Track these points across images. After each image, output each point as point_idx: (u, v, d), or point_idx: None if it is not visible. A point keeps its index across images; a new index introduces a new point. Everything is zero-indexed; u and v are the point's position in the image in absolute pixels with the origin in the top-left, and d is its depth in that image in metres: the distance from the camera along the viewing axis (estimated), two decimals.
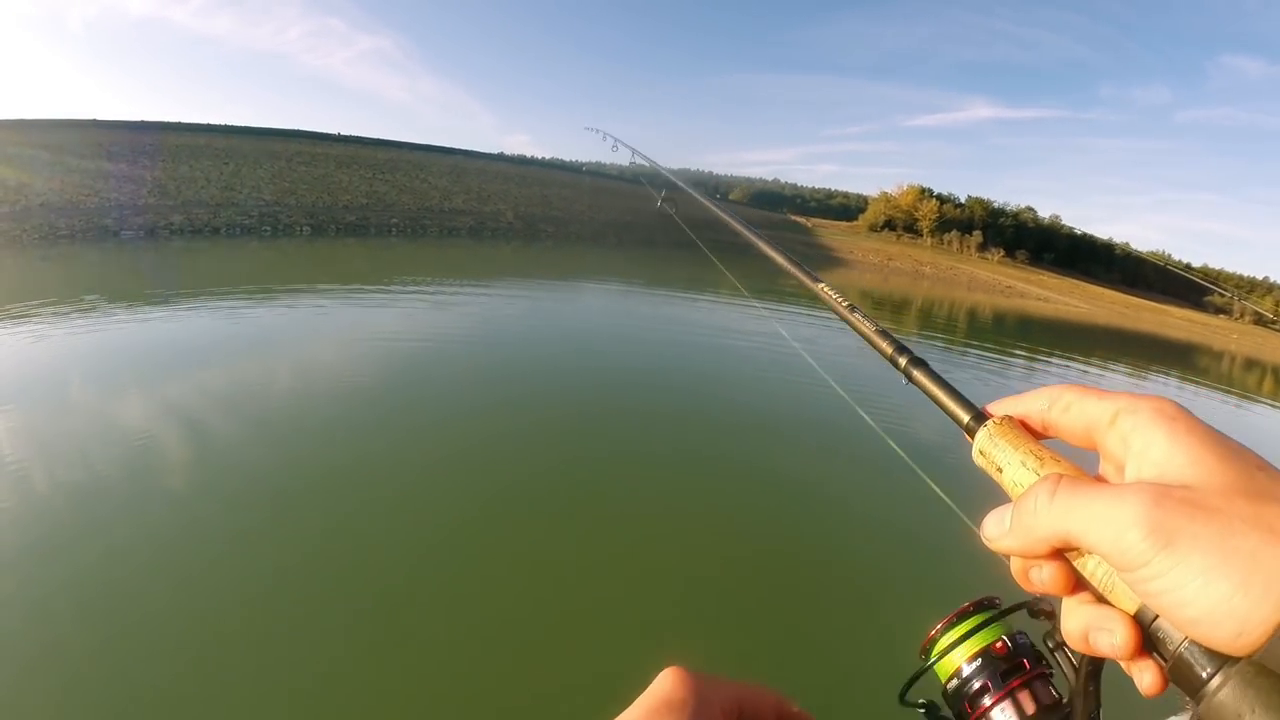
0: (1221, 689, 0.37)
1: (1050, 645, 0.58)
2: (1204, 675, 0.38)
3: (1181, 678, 0.40)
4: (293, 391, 8.39)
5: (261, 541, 5.08)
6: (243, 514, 5.39)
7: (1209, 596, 0.36)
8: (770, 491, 6.92)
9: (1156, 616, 0.42)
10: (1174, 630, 0.41)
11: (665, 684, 0.50)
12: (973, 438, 0.58)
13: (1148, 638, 0.43)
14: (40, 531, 4.86)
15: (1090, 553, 0.44)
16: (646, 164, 4.06)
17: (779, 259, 1.26)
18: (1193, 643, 0.39)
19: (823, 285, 1.08)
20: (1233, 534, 0.37)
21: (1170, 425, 0.44)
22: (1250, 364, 35.19)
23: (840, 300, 0.98)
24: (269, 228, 30.20)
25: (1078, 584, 0.48)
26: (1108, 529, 0.41)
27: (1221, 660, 0.38)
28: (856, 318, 0.91)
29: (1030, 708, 0.59)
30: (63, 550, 4.65)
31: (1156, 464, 0.43)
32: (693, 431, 8.44)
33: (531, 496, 6.26)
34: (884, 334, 0.83)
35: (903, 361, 0.76)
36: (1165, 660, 0.42)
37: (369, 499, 5.84)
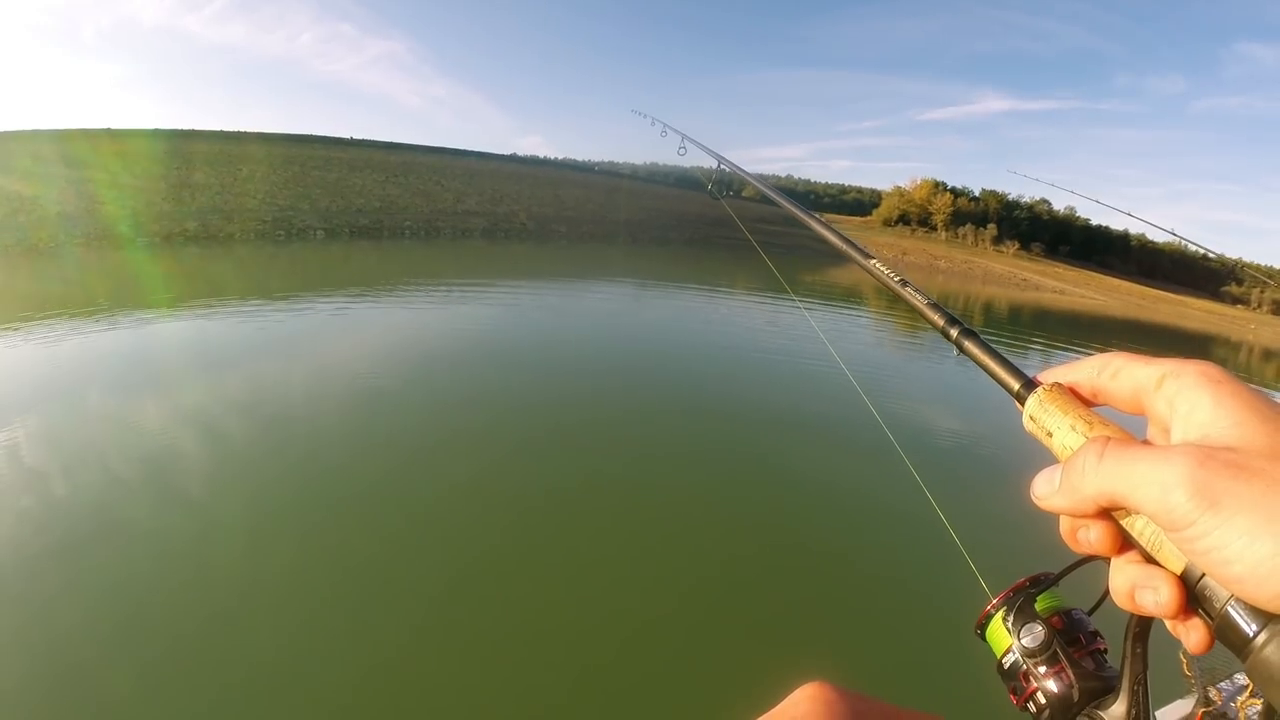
0: (1267, 645, 0.38)
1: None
2: (1249, 632, 0.39)
3: (1227, 635, 0.41)
4: (322, 395, 8.41)
5: (280, 539, 5.10)
6: (261, 514, 5.42)
7: (1253, 555, 0.37)
8: (803, 488, 6.93)
9: (1203, 575, 0.42)
10: (1220, 589, 0.41)
11: (805, 702, 0.46)
12: (1023, 405, 0.59)
13: (1194, 596, 0.43)
14: (60, 535, 4.89)
15: (1137, 513, 0.45)
16: (698, 148, 4.06)
17: (832, 238, 1.23)
18: (1238, 600, 0.40)
19: (874, 261, 1.07)
20: (1276, 494, 0.38)
21: (1215, 388, 0.44)
22: (1269, 354, 34.93)
23: (892, 276, 0.98)
24: (283, 232, 30.34)
25: (1125, 544, 0.48)
26: (1154, 489, 0.41)
27: (1267, 618, 0.38)
28: (909, 292, 0.91)
29: (1079, 678, 0.61)
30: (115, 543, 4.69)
31: (1201, 426, 0.43)
32: (724, 425, 8.43)
33: (564, 494, 6.26)
34: (936, 307, 0.83)
35: (954, 333, 0.76)
36: (1211, 618, 0.42)
37: (392, 495, 5.86)
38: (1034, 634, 0.62)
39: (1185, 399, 0.46)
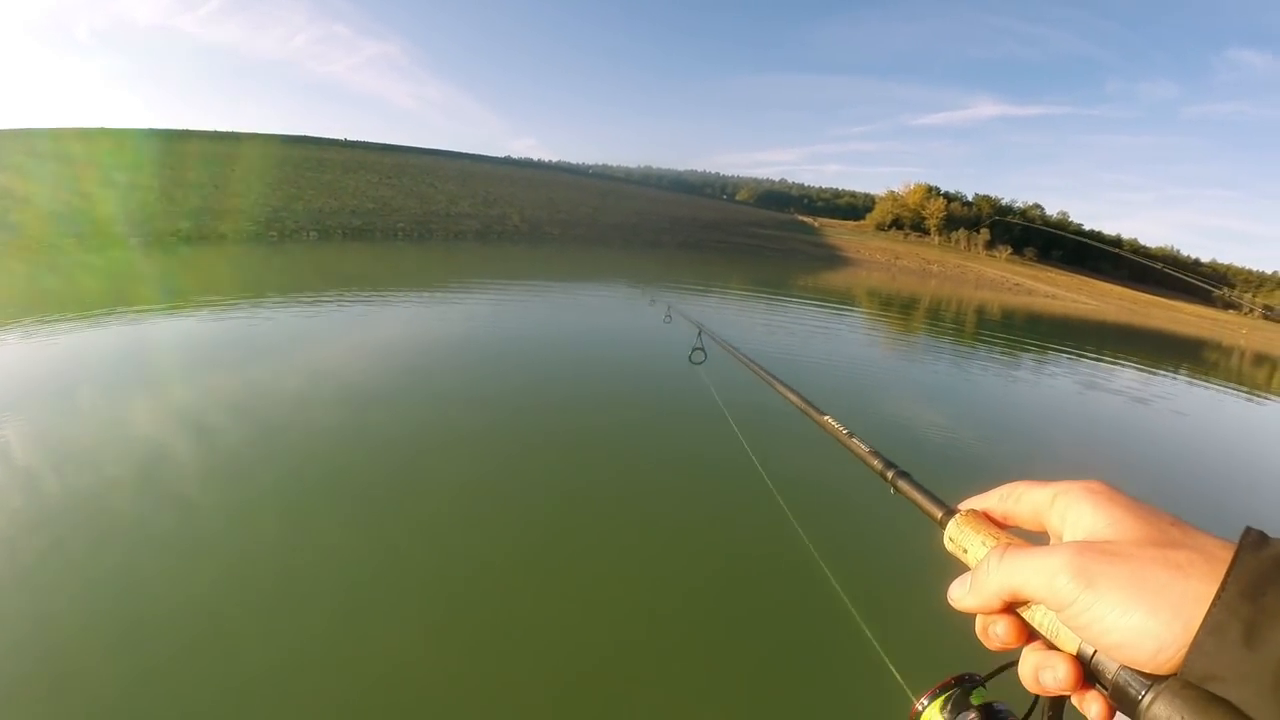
0: (1154, 704, 0.42)
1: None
2: (1138, 696, 0.44)
3: (1121, 700, 0.46)
4: (319, 396, 8.36)
5: (278, 541, 5.07)
6: (256, 518, 5.39)
7: (1127, 623, 0.44)
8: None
9: (1095, 652, 0.48)
10: (1110, 662, 0.46)
11: None
12: (944, 529, 0.68)
13: (1090, 672, 0.49)
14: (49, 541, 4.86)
15: (1034, 602, 0.52)
16: (688, 321, 4.18)
17: (792, 398, 1.54)
18: (1125, 669, 0.45)
19: (827, 417, 1.27)
20: (1144, 572, 0.45)
21: (1094, 498, 0.52)
22: (1260, 359, 34.94)
23: (841, 429, 1.18)
24: (275, 233, 30.28)
25: (1029, 635, 0.55)
26: (1042, 577, 0.49)
27: (1151, 681, 0.43)
28: (854, 442, 1.10)
29: None
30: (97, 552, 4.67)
31: (1085, 529, 0.51)
32: (722, 436, 8.41)
33: (562, 496, 6.24)
34: (876, 454, 1.01)
35: (890, 475, 0.93)
36: (1106, 688, 0.47)
37: (355, 498, 5.84)
38: None
39: (1072, 510, 0.53)
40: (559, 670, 4.09)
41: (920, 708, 0.71)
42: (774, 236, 66.99)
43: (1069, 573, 0.47)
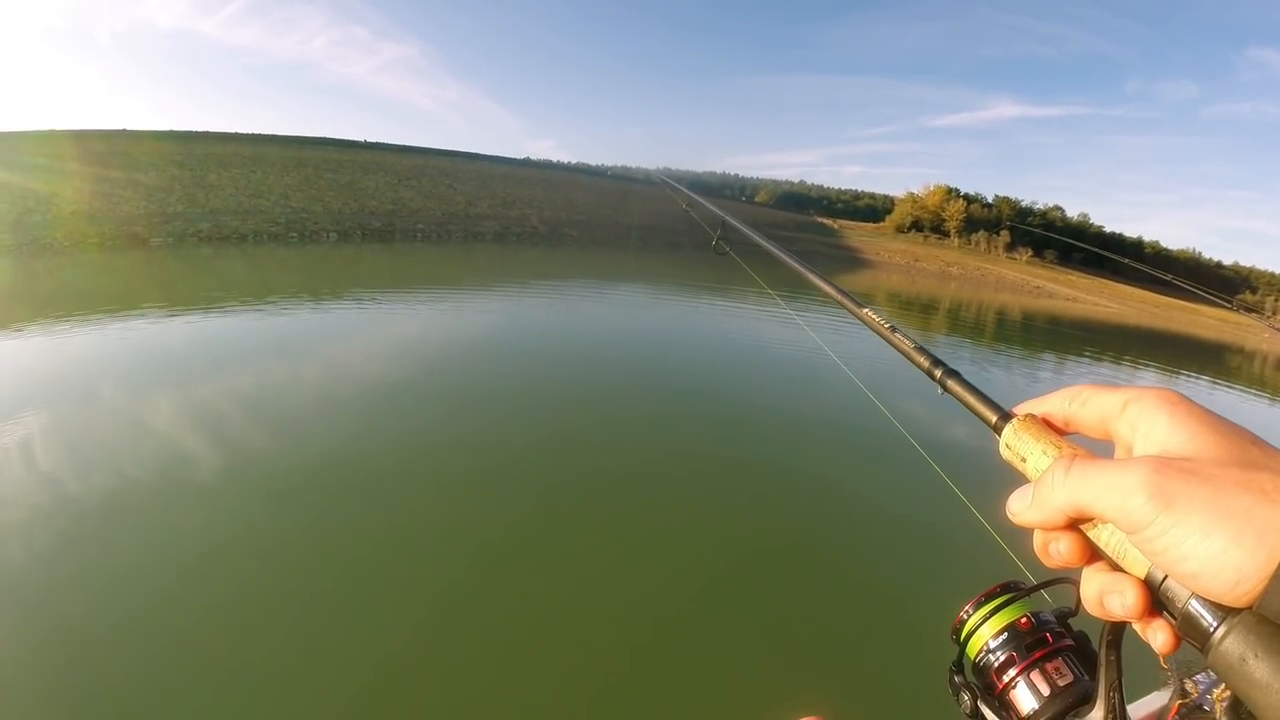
0: (1226, 638, 0.40)
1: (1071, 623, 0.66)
2: (1209, 628, 0.41)
3: (1190, 631, 0.43)
4: (330, 393, 8.42)
5: (286, 534, 5.10)
6: (268, 509, 5.42)
7: (1207, 550, 0.40)
8: (794, 490, 6.89)
9: (1165, 578, 0.45)
10: (1180, 589, 0.44)
11: None
12: (1000, 435, 0.62)
13: (1157, 599, 0.46)
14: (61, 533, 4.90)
15: (1102, 521, 0.49)
16: (709, 207, 4.12)
17: (827, 289, 1.40)
18: (1197, 598, 0.42)
19: (867, 310, 1.17)
20: (1226, 495, 0.41)
21: (1171, 409, 0.48)
22: None
23: (883, 323, 1.07)
24: (295, 234, 30.45)
25: (1093, 555, 0.52)
26: (1115, 495, 0.45)
27: (1225, 613, 0.41)
28: (897, 337, 1.01)
29: (1052, 681, 0.65)
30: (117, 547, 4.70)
31: (1159, 442, 0.47)
32: (719, 432, 8.40)
33: (569, 497, 6.25)
34: (921, 350, 0.91)
35: (938, 374, 0.83)
36: (1175, 618, 0.45)
37: (395, 497, 5.85)
38: (1004, 635, 0.67)
39: (1145, 420, 0.49)
40: (576, 663, 4.10)
41: (965, 616, 0.71)
42: (793, 238, 66.62)
43: (1146, 492, 0.43)
